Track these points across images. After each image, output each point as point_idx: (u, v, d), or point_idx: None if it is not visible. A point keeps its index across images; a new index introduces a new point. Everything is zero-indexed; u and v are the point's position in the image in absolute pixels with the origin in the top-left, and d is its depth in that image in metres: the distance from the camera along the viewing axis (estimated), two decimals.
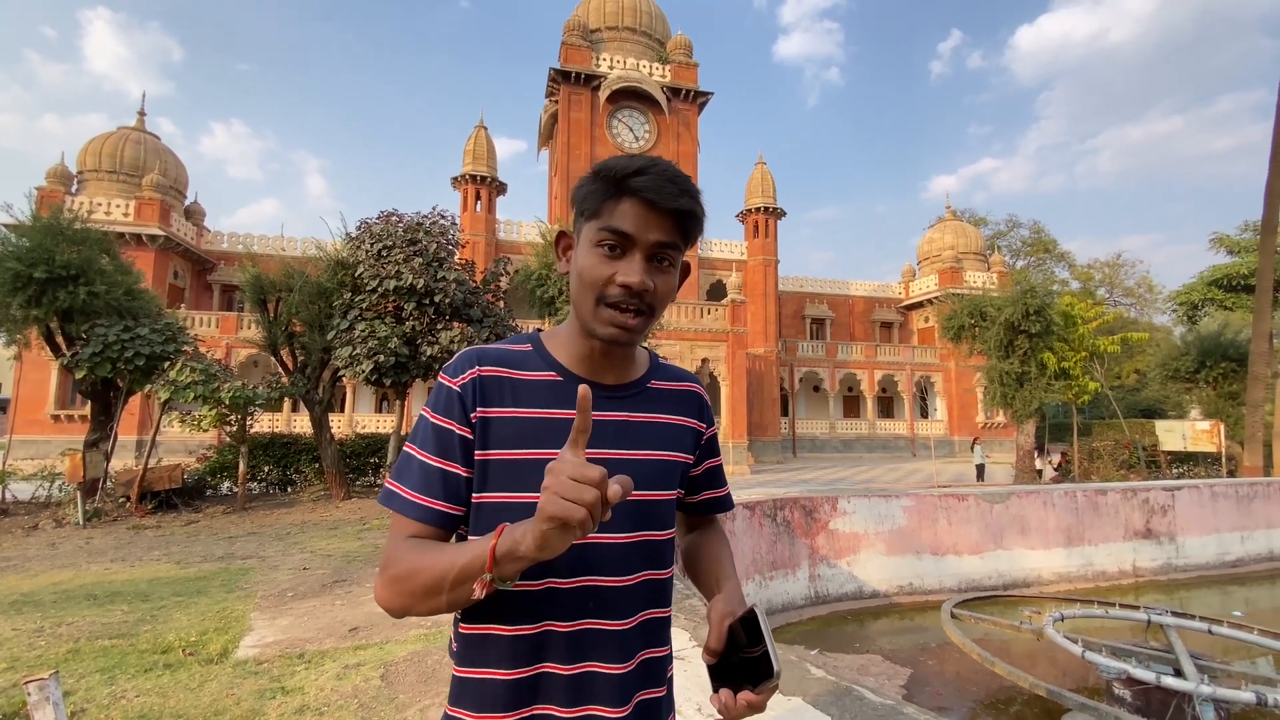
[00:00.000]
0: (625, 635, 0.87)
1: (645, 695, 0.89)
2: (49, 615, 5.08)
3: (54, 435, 22.35)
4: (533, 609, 0.83)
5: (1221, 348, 19.26)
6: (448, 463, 0.84)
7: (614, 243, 0.85)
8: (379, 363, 11.20)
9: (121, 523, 10.07)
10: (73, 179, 26.50)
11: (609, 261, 0.85)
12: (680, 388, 1.00)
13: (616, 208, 0.85)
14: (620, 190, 0.85)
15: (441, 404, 0.86)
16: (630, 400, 0.93)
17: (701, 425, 1.01)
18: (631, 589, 0.88)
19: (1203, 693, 3.56)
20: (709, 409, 1.04)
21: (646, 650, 0.90)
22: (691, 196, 0.86)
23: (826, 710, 2.40)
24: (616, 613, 0.87)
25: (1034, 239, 48.60)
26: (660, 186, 0.84)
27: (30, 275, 9.81)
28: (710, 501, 1.07)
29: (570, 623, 0.85)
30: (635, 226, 0.84)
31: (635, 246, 0.85)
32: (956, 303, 18.71)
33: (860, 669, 5.54)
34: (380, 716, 3.16)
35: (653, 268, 0.86)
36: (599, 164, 0.88)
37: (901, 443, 32.91)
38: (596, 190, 0.87)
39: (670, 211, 0.84)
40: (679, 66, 30.03)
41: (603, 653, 0.85)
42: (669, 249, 0.87)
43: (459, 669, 0.87)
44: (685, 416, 0.98)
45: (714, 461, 1.06)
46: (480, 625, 0.85)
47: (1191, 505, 9.76)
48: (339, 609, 5.28)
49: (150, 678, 3.71)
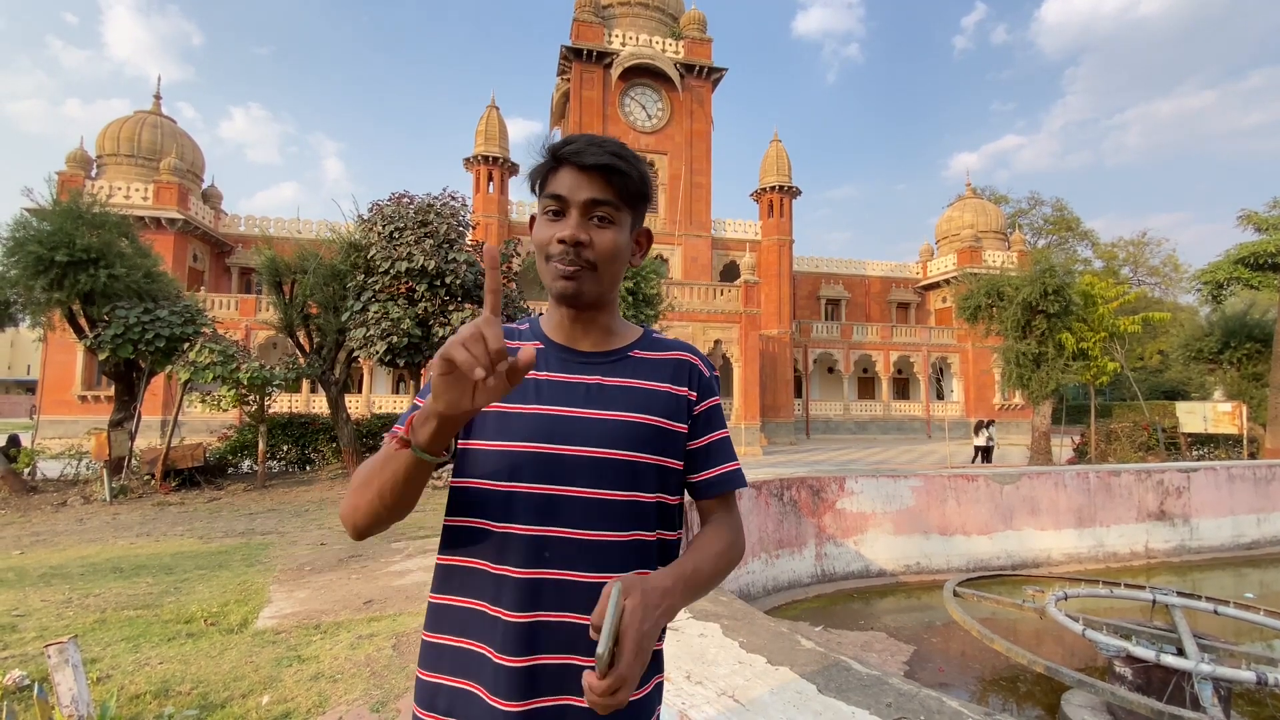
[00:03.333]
0: (595, 588, 0.88)
1: None
2: (77, 587, 5.29)
3: (81, 415, 22.94)
4: (493, 552, 0.91)
5: (1247, 328, 18.79)
6: None
7: (556, 208, 0.95)
8: (392, 344, 11.33)
9: (146, 499, 10.38)
10: (92, 163, 26.83)
11: (552, 225, 0.95)
12: (667, 356, 1.02)
13: (555, 177, 0.95)
14: (556, 162, 0.95)
15: None
16: (604, 366, 0.99)
17: (690, 393, 1.00)
18: (603, 545, 0.91)
19: (1202, 671, 3.57)
20: (705, 380, 1.03)
21: None
22: (615, 154, 0.94)
23: (813, 680, 2.46)
24: (580, 565, 0.90)
25: (1057, 217, 47.53)
26: (583, 150, 0.93)
27: (52, 259, 10.02)
28: (717, 479, 1.01)
29: (523, 569, 0.89)
30: (568, 189, 0.94)
31: (571, 206, 0.94)
32: (973, 282, 18.42)
33: (864, 645, 5.61)
34: (391, 684, 3.28)
35: (589, 225, 0.94)
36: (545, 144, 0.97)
37: (917, 424, 32.70)
38: (541, 167, 0.97)
39: (595, 168, 0.93)
40: (692, 42, 29.53)
41: (565, 603, 0.89)
42: (604, 205, 0.94)
43: (433, 596, 0.97)
44: (666, 383, 0.99)
45: (716, 435, 1.02)
46: (450, 557, 0.95)
47: (1207, 487, 9.63)
48: (354, 582, 5.43)
49: (173, 646, 3.86)
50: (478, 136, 27.40)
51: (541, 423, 0.93)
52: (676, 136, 29.15)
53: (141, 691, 3.16)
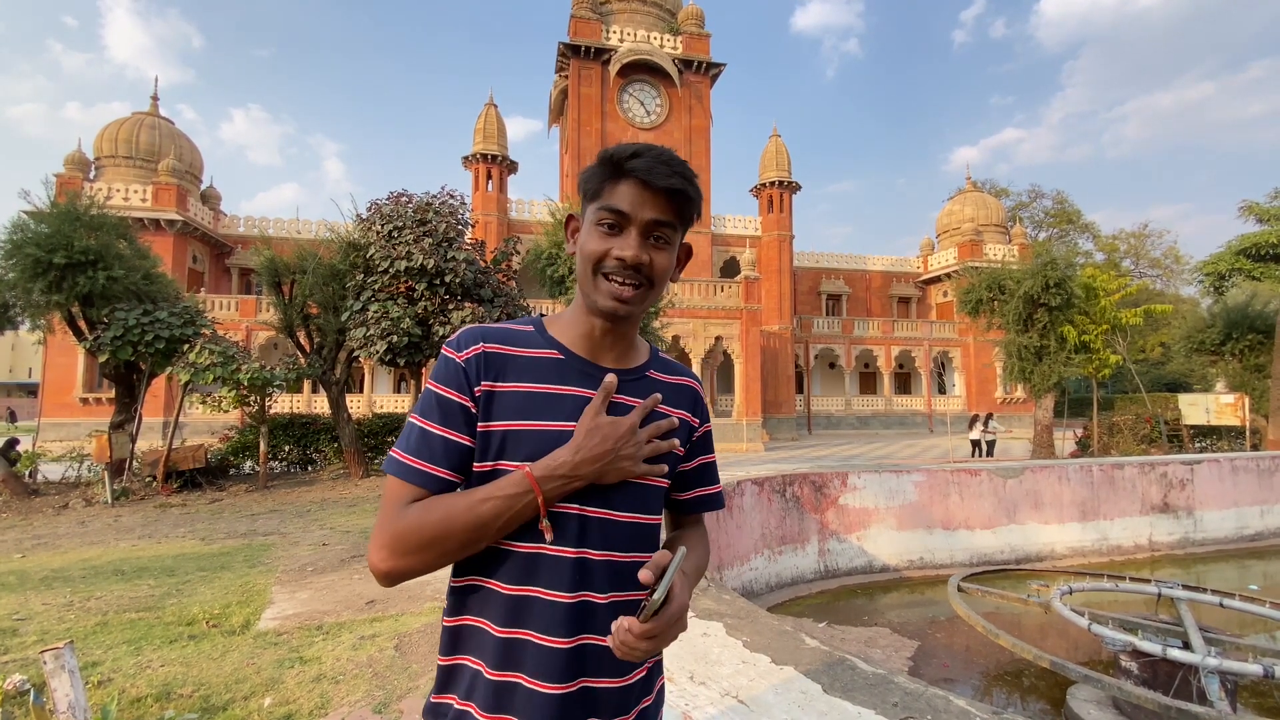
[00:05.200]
0: (612, 609, 0.90)
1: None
2: (78, 590, 5.28)
3: (82, 418, 22.95)
4: (520, 574, 0.88)
5: (1249, 319, 18.75)
6: (451, 431, 0.88)
7: (612, 221, 0.91)
8: (392, 343, 11.32)
9: (148, 501, 10.38)
10: (90, 165, 26.81)
11: (608, 238, 0.92)
12: (678, 381, 1.04)
13: (615, 189, 0.91)
14: (618, 173, 0.91)
15: (446, 376, 0.90)
16: (631, 385, 0.97)
17: (695, 420, 1.04)
18: (630, 566, 0.91)
19: (1209, 665, 3.55)
20: (704, 405, 1.07)
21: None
22: (684, 177, 0.91)
23: (818, 679, 2.44)
24: (605, 588, 0.90)
25: (1057, 210, 47.46)
26: (653, 168, 0.89)
27: (50, 261, 10.00)
28: (700, 500, 1.07)
29: (564, 593, 0.88)
30: (631, 205, 0.90)
31: (631, 224, 0.91)
32: (974, 276, 18.38)
33: (868, 641, 5.59)
34: (393, 685, 3.26)
35: (648, 244, 0.92)
36: (602, 150, 0.94)
37: (918, 419, 32.68)
38: (598, 174, 0.94)
39: (663, 191, 0.90)
40: (690, 37, 29.43)
41: (592, 625, 0.89)
42: (664, 227, 0.92)
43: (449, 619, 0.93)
44: (681, 410, 1.01)
45: (707, 458, 1.07)
46: (468, 578, 0.91)
47: (1211, 479, 9.61)
48: (356, 583, 5.42)
49: (175, 648, 3.85)
50: (476, 135, 27.35)
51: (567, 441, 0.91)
52: (675, 132, 29.08)
53: (143, 694, 3.15)
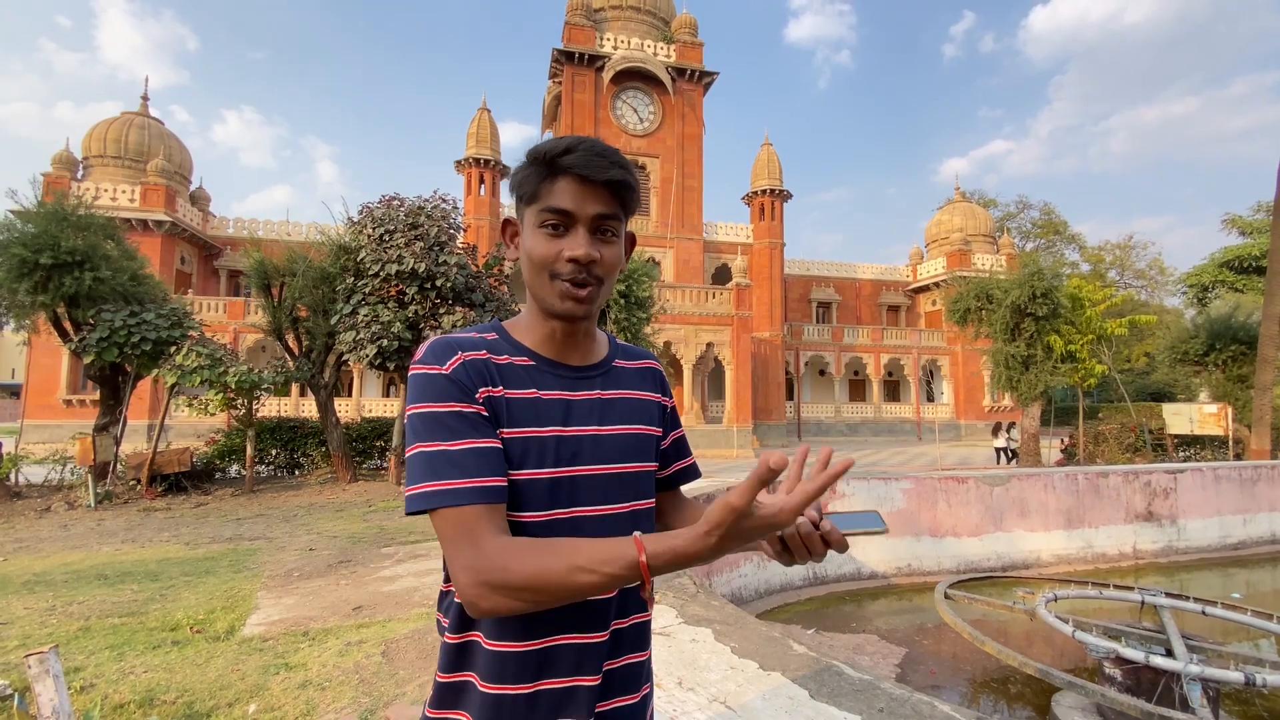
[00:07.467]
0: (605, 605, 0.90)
1: (626, 660, 0.94)
2: (60, 595, 5.20)
3: (65, 420, 22.64)
4: None
5: (1231, 330, 19.03)
6: (477, 440, 0.83)
7: (556, 222, 0.89)
8: (382, 347, 11.26)
9: (132, 505, 10.24)
10: (78, 165, 26.56)
11: (554, 240, 0.89)
12: (641, 365, 1.06)
13: (553, 188, 0.88)
14: (554, 170, 0.88)
15: (438, 392, 0.84)
16: (599, 379, 0.97)
17: (664, 399, 1.07)
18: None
19: (1191, 672, 3.59)
20: (667, 384, 1.11)
21: (623, 619, 0.93)
22: (622, 167, 0.89)
23: (805, 685, 2.46)
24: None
25: (1044, 221, 48.05)
26: (590, 161, 0.87)
27: (36, 261, 9.88)
28: (681, 472, 1.12)
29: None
30: (574, 202, 0.88)
31: (577, 222, 0.89)
32: (962, 285, 18.55)
33: (856, 648, 5.61)
34: (380, 691, 3.24)
35: (596, 240, 0.90)
36: (530, 149, 0.92)
37: (907, 426, 32.87)
38: (531, 174, 0.90)
39: (604, 183, 0.88)
40: (684, 46, 29.63)
41: (583, 624, 0.88)
42: (609, 220, 0.90)
43: (451, 636, 0.94)
44: (649, 392, 1.04)
45: (678, 433, 1.11)
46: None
47: (1194, 488, 9.74)
48: (343, 588, 5.38)
49: (158, 654, 3.80)
50: (469, 139, 27.37)
51: (566, 445, 0.90)
52: (668, 140, 29.22)
53: (126, 701, 3.11)
